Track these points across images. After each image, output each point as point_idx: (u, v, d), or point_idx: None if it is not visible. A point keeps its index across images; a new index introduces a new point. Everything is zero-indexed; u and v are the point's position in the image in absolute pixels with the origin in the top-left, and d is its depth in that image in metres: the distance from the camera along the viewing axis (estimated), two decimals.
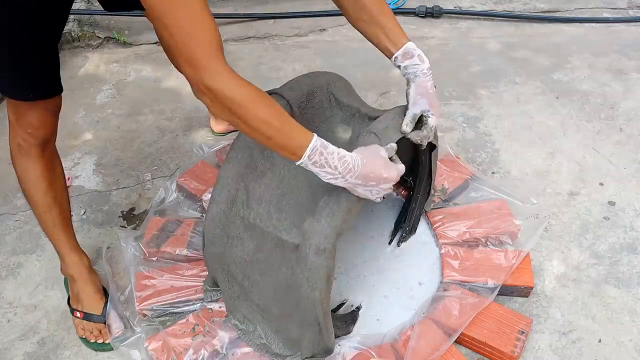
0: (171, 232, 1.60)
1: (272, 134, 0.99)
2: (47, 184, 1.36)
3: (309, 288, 1.14)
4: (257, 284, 1.27)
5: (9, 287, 1.57)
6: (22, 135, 1.29)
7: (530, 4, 2.80)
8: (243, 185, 1.24)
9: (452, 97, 2.20)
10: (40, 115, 1.27)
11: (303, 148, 1.00)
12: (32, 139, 1.29)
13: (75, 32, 2.51)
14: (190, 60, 0.94)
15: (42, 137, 1.30)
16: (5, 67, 1.20)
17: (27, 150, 1.31)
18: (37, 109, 1.26)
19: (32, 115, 1.26)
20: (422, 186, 1.57)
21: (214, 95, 0.95)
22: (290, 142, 1.01)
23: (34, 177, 1.34)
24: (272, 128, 0.98)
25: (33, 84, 1.23)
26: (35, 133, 1.29)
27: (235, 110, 0.96)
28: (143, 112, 2.17)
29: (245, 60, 2.42)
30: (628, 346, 1.37)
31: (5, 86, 1.24)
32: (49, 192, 1.36)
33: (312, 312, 1.18)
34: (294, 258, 1.16)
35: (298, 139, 1.01)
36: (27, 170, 1.34)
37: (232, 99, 0.95)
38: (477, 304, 1.38)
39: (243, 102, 0.96)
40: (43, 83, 1.24)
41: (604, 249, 1.59)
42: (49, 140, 1.34)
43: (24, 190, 1.37)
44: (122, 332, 1.41)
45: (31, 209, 1.41)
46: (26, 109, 1.25)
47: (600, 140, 1.97)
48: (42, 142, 1.31)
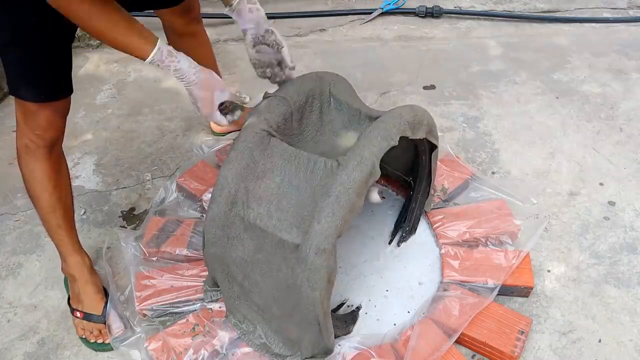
0: (171, 232, 1.60)
1: (113, 44, 1.12)
2: (53, 185, 1.36)
3: (309, 288, 1.14)
4: (257, 284, 1.27)
5: (9, 287, 1.57)
6: (29, 137, 1.29)
7: (530, 4, 2.80)
8: (243, 186, 1.24)
9: (452, 97, 2.20)
10: (48, 117, 1.27)
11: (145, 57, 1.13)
12: (39, 140, 1.29)
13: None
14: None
15: (50, 138, 1.30)
16: (16, 67, 1.21)
17: (34, 151, 1.31)
18: (46, 110, 1.26)
19: (41, 116, 1.26)
20: (422, 186, 1.57)
21: (60, 9, 1.05)
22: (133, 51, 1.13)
23: (40, 178, 1.34)
24: (112, 41, 1.12)
25: (43, 85, 1.23)
26: (43, 134, 1.29)
27: (78, 23, 1.09)
28: (143, 112, 2.17)
29: (246, 60, 2.41)
30: (628, 346, 1.37)
31: (15, 86, 1.24)
32: (55, 193, 1.37)
33: (312, 312, 1.18)
34: (295, 258, 1.16)
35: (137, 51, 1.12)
36: (33, 171, 1.34)
37: (70, 14, 1.06)
38: (477, 304, 1.38)
39: (83, 18, 1.07)
40: (53, 84, 1.24)
41: (604, 249, 1.59)
42: (57, 142, 1.34)
43: (29, 190, 1.37)
44: (122, 332, 1.41)
45: (35, 209, 1.41)
46: (35, 110, 1.25)
47: (600, 140, 1.97)
48: (49, 144, 1.31)
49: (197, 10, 1.67)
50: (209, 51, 1.80)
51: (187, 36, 1.70)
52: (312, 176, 1.21)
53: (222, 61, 2.35)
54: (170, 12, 1.60)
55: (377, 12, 2.69)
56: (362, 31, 2.62)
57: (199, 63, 1.81)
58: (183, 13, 1.62)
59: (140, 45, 1.12)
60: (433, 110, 2.10)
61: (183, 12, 1.62)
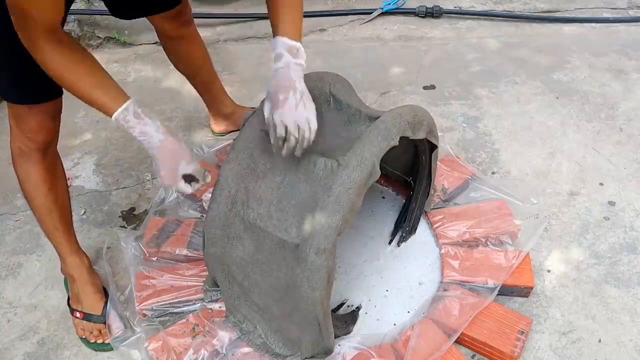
0: (171, 232, 1.60)
1: (80, 97, 1.11)
2: (48, 188, 1.36)
3: (309, 288, 1.14)
4: (257, 284, 1.27)
5: (9, 287, 1.57)
6: (22, 140, 1.29)
7: (530, 4, 2.80)
8: (243, 186, 1.24)
9: (452, 97, 2.20)
10: (39, 119, 1.26)
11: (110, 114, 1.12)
12: (32, 143, 1.29)
13: (75, 32, 2.51)
14: (25, 38, 1.04)
15: (42, 141, 1.30)
16: (4, 70, 1.20)
17: (28, 154, 1.31)
18: (36, 113, 1.25)
19: (31, 119, 1.26)
20: (422, 186, 1.57)
21: (34, 55, 1.06)
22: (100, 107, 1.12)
23: (34, 181, 1.34)
24: (79, 94, 1.10)
25: (31, 88, 1.22)
26: (34, 137, 1.28)
27: (50, 74, 1.08)
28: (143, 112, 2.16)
29: (245, 60, 2.42)
30: (628, 346, 1.37)
31: (4, 89, 1.23)
32: (50, 195, 1.36)
33: (312, 312, 1.18)
34: (294, 258, 1.16)
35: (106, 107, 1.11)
36: (28, 173, 1.34)
37: (43, 64, 1.07)
38: (477, 304, 1.38)
39: (54, 69, 1.07)
40: (41, 86, 1.23)
41: (604, 249, 1.59)
42: (50, 144, 1.33)
43: (25, 193, 1.37)
44: (122, 332, 1.41)
45: (32, 211, 1.41)
46: (25, 113, 1.25)
47: (600, 140, 1.97)
48: (42, 146, 1.31)
49: (189, 14, 1.67)
50: (203, 52, 1.80)
51: (179, 39, 1.70)
52: (312, 176, 1.21)
53: (222, 61, 2.36)
54: (161, 17, 1.59)
55: (377, 12, 2.69)
56: (362, 31, 2.62)
57: (193, 65, 1.80)
58: (174, 17, 1.62)
59: (105, 103, 1.11)
60: (433, 110, 2.10)
61: (174, 17, 1.61)
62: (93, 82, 1.11)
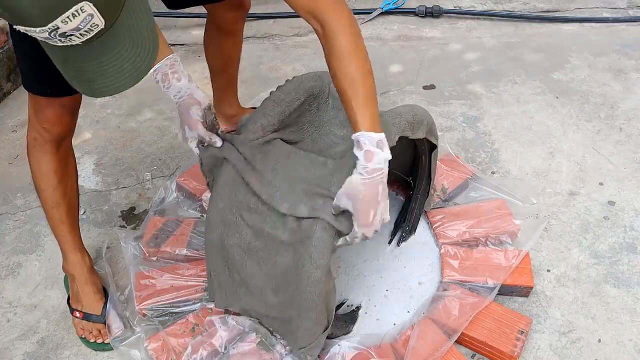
0: (171, 232, 1.60)
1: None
2: (58, 180, 1.37)
3: (312, 266, 1.14)
4: (256, 273, 1.27)
5: (9, 287, 1.57)
6: (38, 130, 1.31)
7: (530, 4, 2.80)
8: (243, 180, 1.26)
9: (452, 97, 2.20)
10: (56, 112, 1.28)
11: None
12: (47, 134, 1.31)
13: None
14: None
15: (57, 133, 1.32)
16: (26, 61, 1.22)
17: (42, 145, 1.33)
18: (54, 106, 1.27)
19: (49, 111, 1.27)
20: (422, 186, 1.57)
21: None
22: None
23: (46, 172, 1.36)
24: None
25: (51, 80, 1.23)
26: (51, 129, 1.30)
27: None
28: (143, 112, 2.17)
29: (245, 60, 2.41)
30: (628, 346, 1.37)
31: (27, 79, 1.26)
32: (59, 189, 1.37)
33: (310, 295, 1.17)
34: (298, 238, 1.16)
35: None
36: (40, 164, 1.35)
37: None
38: (477, 304, 1.38)
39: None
40: (61, 80, 1.24)
41: (604, 249, 1.59)
42: (65, 138, 1.35)
43: (36, 184, 1.39)
44: (122, 332, 1.41)
45: (40, 204, 1.42)
46: (44, 104, 1.27)
47: (600, 140, 1.97)
48: (57, 139, 1.33)
49: (248, 9, 1.67)
50: (239, 53, 1.81)
51: (229, 34, 1.71)
52: (311, 173, 1.22)
53: None
54: (221, 6, 1.59)
55: (377, 12, 2.69)
56: (362, 31, 2.59)
57: (227, 63, 1.85)
58: (234, 8, 1.61)
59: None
60: (433, 110, 2.10)
61: (234, 8, 1.61)
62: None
